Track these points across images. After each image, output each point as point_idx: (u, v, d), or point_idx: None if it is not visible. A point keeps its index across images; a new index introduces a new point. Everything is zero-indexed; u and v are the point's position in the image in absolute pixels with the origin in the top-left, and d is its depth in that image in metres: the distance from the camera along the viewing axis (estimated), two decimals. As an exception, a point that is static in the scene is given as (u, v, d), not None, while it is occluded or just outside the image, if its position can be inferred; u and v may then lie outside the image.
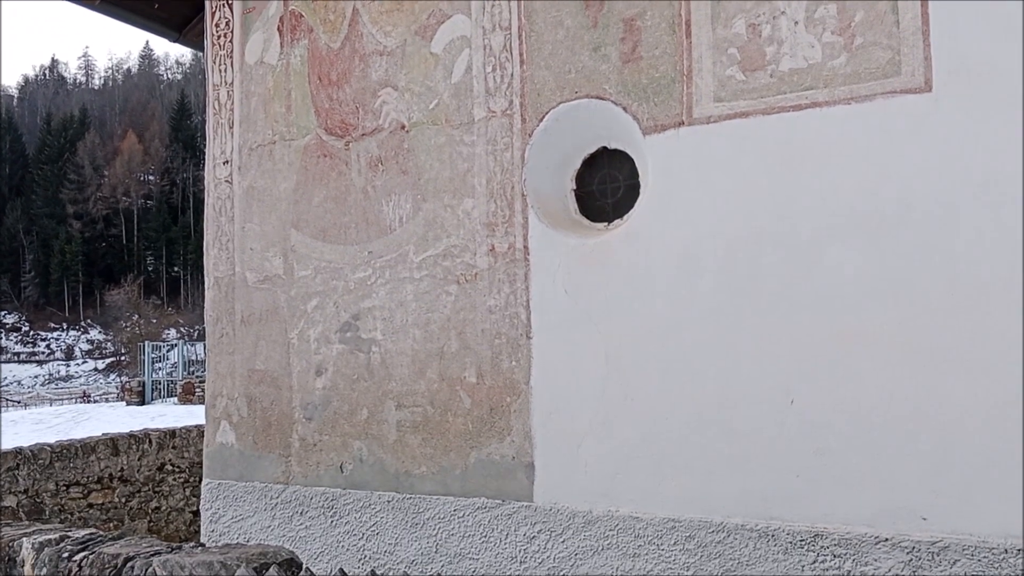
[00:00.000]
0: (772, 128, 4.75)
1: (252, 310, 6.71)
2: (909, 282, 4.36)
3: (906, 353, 4.34)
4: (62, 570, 3.90)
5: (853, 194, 4.53)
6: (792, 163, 4.70)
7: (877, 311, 4.43)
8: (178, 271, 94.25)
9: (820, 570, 4.48)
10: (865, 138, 4.50)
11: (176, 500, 9.28)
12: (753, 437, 4.73)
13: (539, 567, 5.40)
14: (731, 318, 4.82)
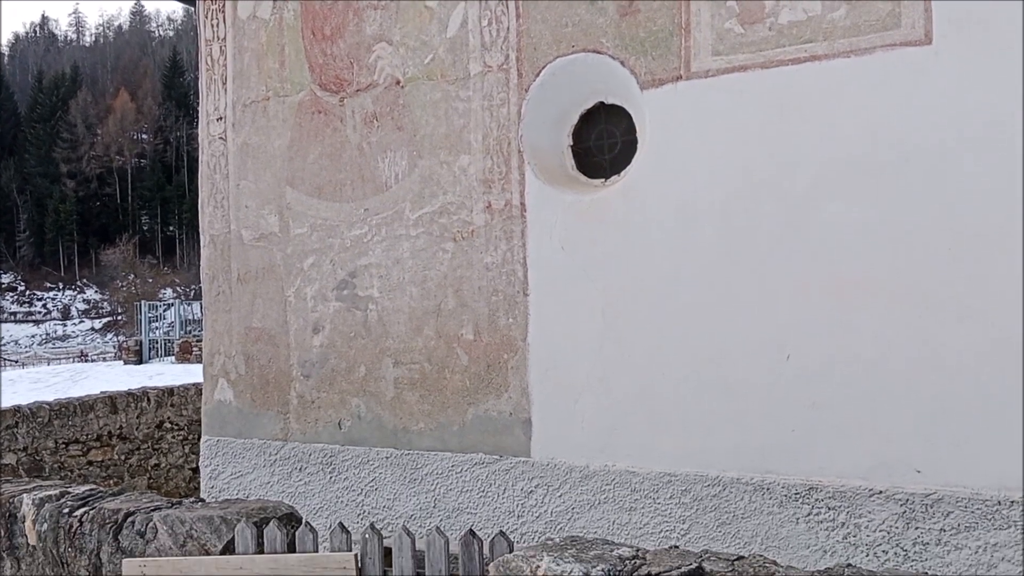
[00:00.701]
0: (771, 82, 4.71)
1: (248, 268, 6.69)
2: (907, 233, 4.35)
3: (904, 305, 4.35)
4: (63, 525, 3.93)
5: (852, 147, 4.50)
6: (790, 117, 4.67)
7: (875, 263, 4.43)
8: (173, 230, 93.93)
9: (814, 522, 4.52)
10: (864, 91, 4.47)
11: (175, 457, 9.33)
12: (749, 391, 4.75)
13: (536, 521, 5.45)
14: (728, 272, 4.82)
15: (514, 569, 2.90)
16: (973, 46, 4.21)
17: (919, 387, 4.30)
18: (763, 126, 4.73)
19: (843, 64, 4.51)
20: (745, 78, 4.77)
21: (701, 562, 2.74)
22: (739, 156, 4.80)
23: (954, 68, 4.25)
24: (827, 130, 4.56)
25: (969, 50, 4.22)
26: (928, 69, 4.31)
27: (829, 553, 4.45)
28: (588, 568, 2.78)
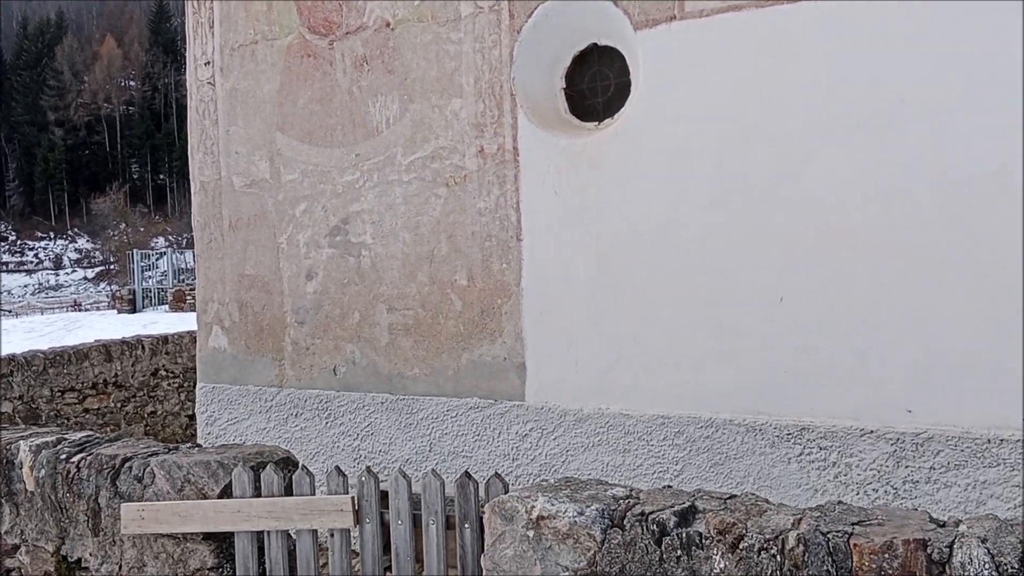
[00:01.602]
0: (767, 22, 4.64)
1: (240, 215, 6.65)
2: (902, 180, 4.33)
3: (896, 250, 4.34)
4: (60, 471, 3.95)
5: (848, 92, 4.45)
6: (786, 59, 4.61)
7: (868, 209, 4.41)
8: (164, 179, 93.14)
9: (806, 462, 4.58)
10: (862, 34, 4.41)
11: (171, 405, 9.37)
12: (742, 334, 4.77)
13: (531, 464, 5.50)
14: (722, 217, 4.80)
15: (509, 509, 2.93)
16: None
17: (910, 328, 4.32)
18: (758, 68, 4.68)
19: (840, 5, 4.44)
20: (740, 18, 4.70)
21: (694, 501, 2.77)
22: (734, 99, 4.75)
23: (953, 15, 4.19)
24: (823, 73, 4.51)
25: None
26: (926, 15, 4.25)
27: (820, 492, 4.51)
28: (582, 508, 2.81)
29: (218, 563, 3.67)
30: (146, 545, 3.77)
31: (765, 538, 2.50)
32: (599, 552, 2.76)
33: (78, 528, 3.92)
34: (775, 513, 2.63)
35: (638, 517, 2.73)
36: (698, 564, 2.60)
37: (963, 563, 2.22)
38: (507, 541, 2.92)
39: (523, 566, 2.88)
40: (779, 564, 2.46)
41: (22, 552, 4.10)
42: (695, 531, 2.63)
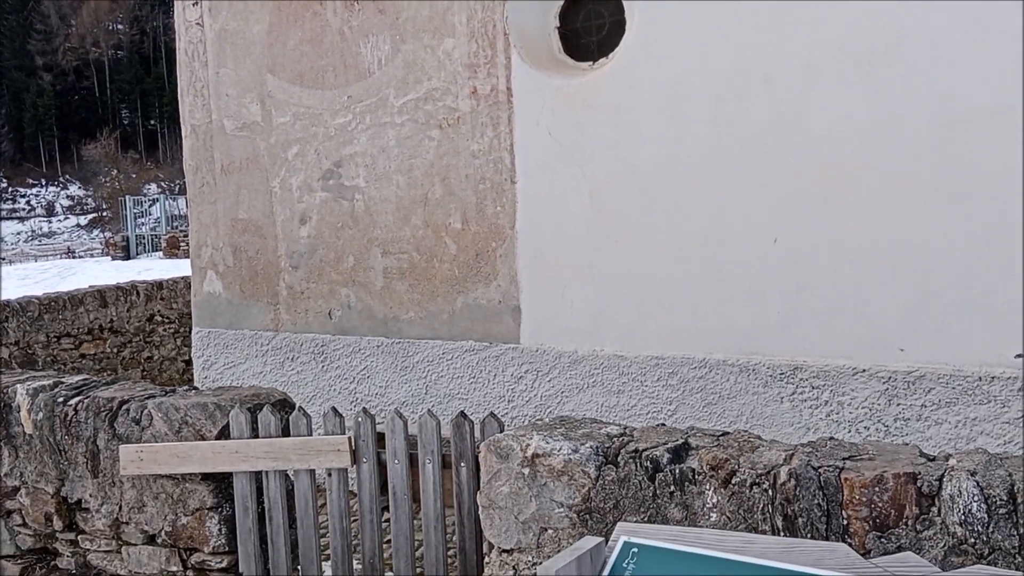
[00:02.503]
0: (763, -43, 4.56)
1: (232, 159, 6.60)
2: (898, 118, 4.30)
3: (891, 188, 4.33)
4: (58, 414, 3.97)
5: (843, 30, 4.40)
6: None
7: (865, 148, 4.39)
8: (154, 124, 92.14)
9: (798, 401, 4.62)
10: (859, -33, 4.34)
11: (168, 350, 9.40)
12: (736, 275, 4.77)
13: (526, 405, 5.55)
14: (717, 157, 4.77)
15: (505, 448, 2.96)
16: (972, -83, 4.07)
17: (904, 268, 4.32)
18: (754, 5, 4.61)
19: (838, -63, 4.37)
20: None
21: (687, 438, 2.80)
22: (729, 37, 4.69)
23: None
24: (819, 12, 4.44)
25: (968, -79, 4.08)
26: (925, -58, 4.18)
27: (812, 430, 4.56)
28: (577, 445, 2.84)
29: (217, 503, 3.72)
30: (145, 486, 3.81)
31: (757, 473, 2.53)
32: (593, 488, 2.79)
33: (77, 470, 3.96)
34: (767, 449, 2.66)
35: (632, 454, 2.76)
36: (691, 499, 2.63)
37: (952, 495, 2.25)
38: (503, 479, 2.95)
39: (519, 503, 2.91)
40: (771, 498, 2.49)
41: (22, 494, 4.14)
42: (688, 467, 2.66)
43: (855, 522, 2.36)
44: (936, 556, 2.23)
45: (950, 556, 2.23)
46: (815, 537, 2.38)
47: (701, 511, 2.61)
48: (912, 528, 2.29)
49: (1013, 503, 2.19)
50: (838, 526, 2.38)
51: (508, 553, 2.96)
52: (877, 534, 2.33)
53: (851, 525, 2.36)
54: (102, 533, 3.96)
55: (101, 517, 3.94)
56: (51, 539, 4.13)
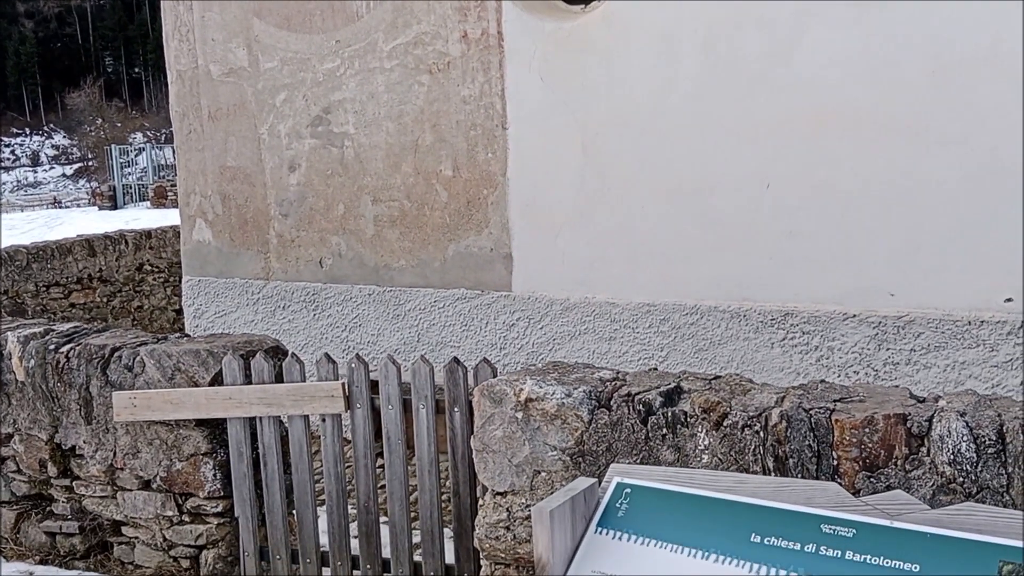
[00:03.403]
0: (758, -103, 4.48)
1: (219, 105, 6.52)
2: (890, 61, 4.26)
3: (884, 132, 4.31)
4: (50, 361, 3.97)
5: (839, -30, 4.34)
6: (778, -64, 4.47)
7: (857, 91, 4.36)
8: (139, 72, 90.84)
9: (789, 346, 4.65)
10: (856, -93, 4.27)
11: (158, 299, 9.38)
12: (728, 222, 4.77)
13: (518, 352, 5.57)
14: (710, 102, 4.74)
15: (498, 393, 2.97)
16: None
17: (896, 213, 4.33)
18: (749, -54, 4.54)
19: None
20: None
21: (679, 382, 2.82)
22: (724, -22, 4.62)
23: None
24: (815, -51, 4.38)
25: None
26: None
27: (802, 375, 4.60)
28: (570, 390, 2.85)
29: (212, 448, 3.73)
30: (139, 432, 3.82)
31: (749, 415, 2.55)
32: (586, 432, 2.81)
33: (71, 417, 3.96)
34: (759, 392, 2.68)
35: (625, 398, 2.78)
36: (683, 441, 2.66)
37: (942, 436, 2.28)
38: (496, 423, 2.97)
39: (512, 446, 2.93)
40: (762, 440, 2.52)
41: (15, 441, 4.15)
42: (680, 410, 2.68)
43: (845, 462, 2.39)
44: (925, 495, 2.27)
45: (939, 495, 2.26)
46: (806, 477, 2.41)
47: (693, 453, 2.64)
48: (901, 468, 2.32)
49: (1002, 443, 2.21)
50: (828, 467, 2.41)
51: (502, 496, 2.99)
52: (867, 474, 2.36)
53: (841, 465, 2.39)
54: (97, 479, 3.98)
55: (96, 463, 3.96)
56: (46, 485, 4.15)
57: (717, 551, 2.13)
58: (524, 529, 2.91)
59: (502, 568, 2.99)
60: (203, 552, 3.82)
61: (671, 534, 2.21)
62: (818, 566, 2.00)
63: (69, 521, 4.07)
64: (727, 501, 2.23)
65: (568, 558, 2.28)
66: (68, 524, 4.07)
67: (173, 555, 3.86)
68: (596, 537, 2.30)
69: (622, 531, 2.28)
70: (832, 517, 2.07)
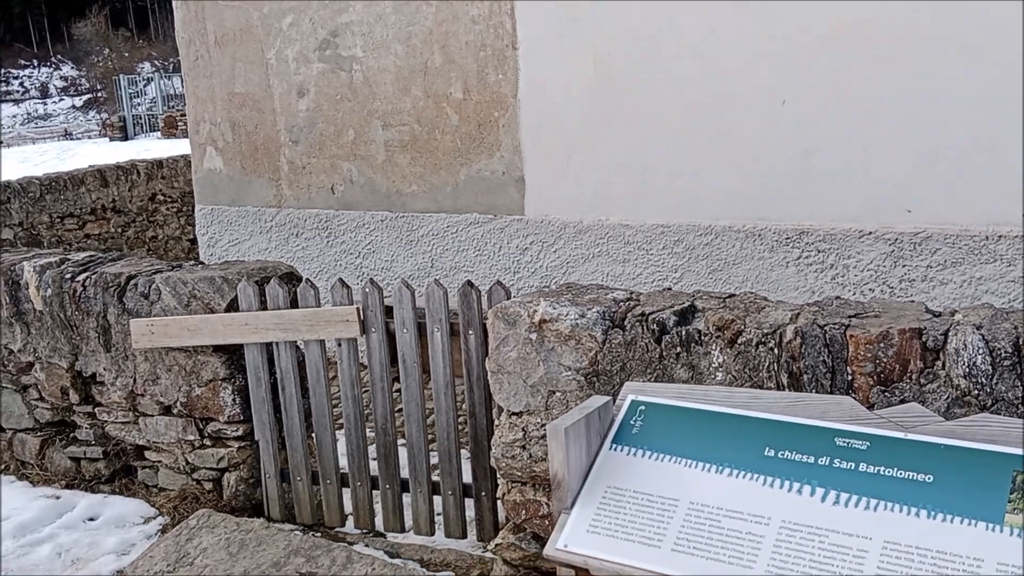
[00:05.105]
0: None
1: (225, 30, 6.42)
2: (912, -30, 4.14)
3: (902, 44, 4.21)
4: (67, 290, 3.99)
5: None
6: None
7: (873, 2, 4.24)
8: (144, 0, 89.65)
9: (804, 265, 4.62)
10: None
11: (172, 229, 9.40)
12: (743, 140, 4.70)
13: (532, 276, 5.57)
14: (724, 17, 4.63)
15: (512, 314, 2.97)
16: None
17: (913, 129, 4.25)
18: None
19: None
20: None
21: (693, 301, 2.81)
22: None
23: None
24: None
25: None
26: None
27: (817, 293, 4.58)
28: (583, 310, 2.85)
29: (230, 374, 3.77)
30: (158, 359, 3.86)
31: (763, 332, 2.55)
32: (600, 352, 2.82)
33: (90, 344, 4.01)
34: (773, 309, 2.67)
35: (638, 317, 2.77)
36: (697, 359, 2.66)
37: (957, 349, 2.27)
38: (510, 344, 2.98)
39: (526, 367, 2.95)
40: (776, 357, 2.51)
41: (36, 369, 4.21)
42: (694, 328, 2.68)
43: (860, 377, 2.39)
44: (939, 408, 2.27)
45: (953, 408, 2.26)
46: (820, 393, 2.42)
47: (707, 371, 2.65)
48: (916, 382, 2.32)
49: (1018, 355, 2.21)
50: (843, 382, 2.41)
51: (517, 416, 3.01)
52: (881, 388, 2.36)
53: (856, 380, 2.39)
54: (118, 405, 4.04)
55: (116, 390, 4.01)
56: (68, 412, 4.22)
57: (731, 465, 2.15)
58: (539, 448, 2.94)
59: (519, 486, 3.03)
60: (225, 475, 3.89)
61: (685, 449, 2.23)
62: (832, 478, 2.02)
63: (93, 447, 4.15)
64: (741, 416, 2.24)
65: (583, 474, 2.30)
66: (92, 449, 4.15)
67: (196, 478, 3.94)
68: (611, 454, 2.32)
69: (637, 447, 2.30)
70: (846, 430, 2.09)
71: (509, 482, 3.06)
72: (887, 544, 1.88)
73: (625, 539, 2.12)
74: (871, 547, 1.88)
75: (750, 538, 1.99)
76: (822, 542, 1.93)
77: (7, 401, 4.35)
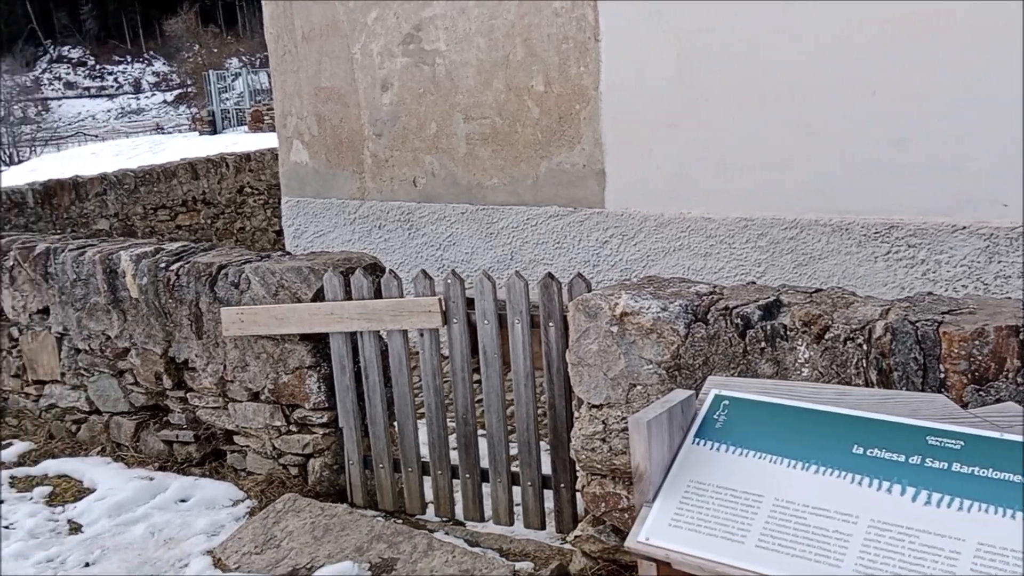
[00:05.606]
0: None
1: (312, 25, 6.54)
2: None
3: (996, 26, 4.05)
4: (161, 279, 4.14)
5: None
6: None
7: (974, -10, 4.11)
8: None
9: (893, 260, 4.50)
10: None
11: (258, 221, 9.63)
12: (829, 131, 4.60)
13: (611, 270, 5.55)
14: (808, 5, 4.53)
15: (593, 307, 2.97)
16: None
17: (1009, 117, 4.10)
18: None
19: None
20: None
21: (779, 295, 2.77)
22: None
23: None
24: None
25: None
26: None
27: (907, 289, 4.46)
28: (666, 304, 2.84)
29: (316, 362, 3.86)
30: (247, 346, 3.97)
31: (852, 328, 2.50)
32: (682, 346, 2.80)
33: (182, 332, 4.14)
34: (862, 305, 2.61)
35: (722, 311, 2.75)
36: (782, 355, 2.62)
37: (1057, 348, 2.19)
38: (591, 337, 2.98)
39: (607, 360, 2.95)
40: (865, 353, 2.46)
41: (132, 355, 4.37)
42: (780, 323, 2.64)
43: (953, 375, 2.32)
44: (1037, 408, 2.19)
45: (1052, 408, 2.18)
46: (910, 390, 2.36)
47: (792, 366, 2.61)
48: (1013, 381, 2.25)
49: (1123, 355, 2.12)
50: (935, 379, 2.35)
51: (598, 408, 3.01)
52: (976, 387, 2.29)
53: (948, 379, 2.33)
54: (209, 391, 4.17)
55: (207, 376, 4.14)
56: (162, 397, 4.37)
57: (818, 462, 2.11)
58: (620, 441, 2.94)
59: (598, 479, 3.03)
60: (310, 460, 3.99)
61: (771, 445, 2.20)
62: (924, 478, 1.97)
63: (184, 430, 4.29)
64: (828, 413, 2.20)
65: (665, 468, 2.30)
66: (184, 433, 4.29)
67: (282, 463, 4.05)
68: (694, 448, 2.31)
69: (720, 442, 2.28)
70: (939, 429, 2.03)
71: (589, 474, 3.06)
72: (980, 546, 1.83)
73: (708, 534, 2.10)
74: (964, 548, 1.84)
75: (837, 536, 1.96)
76: (912, 542, 1.89)
77: (104, 385, 4.53)
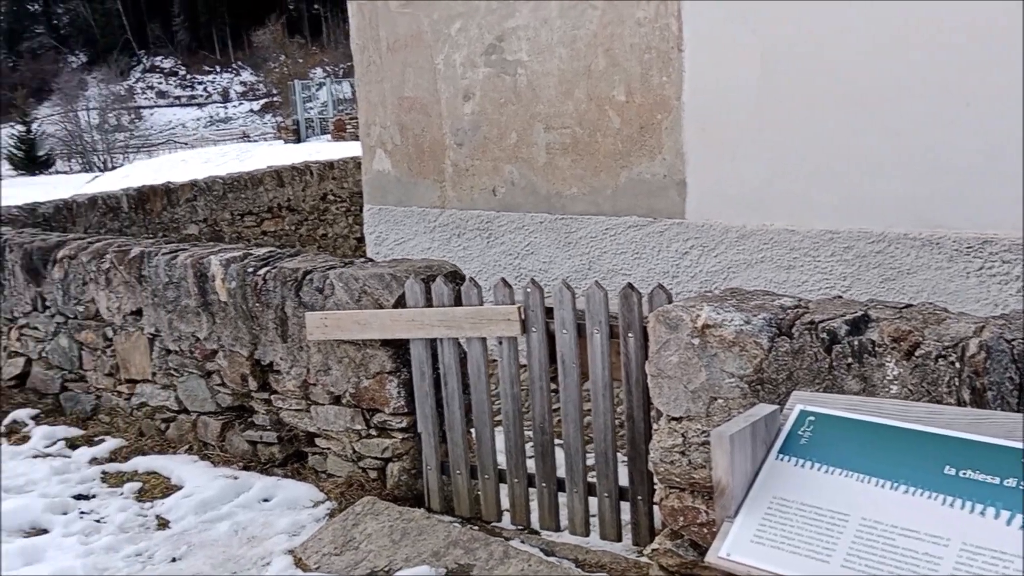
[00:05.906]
0: None
1: (396, 36, 6.65)
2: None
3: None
4: (248, 283, 4.25)
5: None
6: None
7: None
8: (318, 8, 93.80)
9: (987, 276, 4.36)
10: None
11: (340, 228, 9.81)
12: (919, 142, 4.48)
13: (691, 281, 5.50)
14: (900, 8, 4.43)
15: (674, 319, 2.95)
16: None
17: (1118, 132, 3.94)
18: None
19: None
20: None
21: (867, 310, 2.71)
22: None
23: None
24: None
25: None
26: None
27: (1001, 307, 4.32)
28: (749, 316, 2.80)
29: (396, 367, 3.91)
30: (330, 350, 4.05)
31: (944, 345, 2.42)
32: (766, 360, 2.76)
33: (268, 335, 4.25)
34: (955, 321, 2.54)
35: (807, 326, 2.70)
36: (870, 371, 2.56)
37: None
38: (671, 348, 2.96)
39: (688, 372, 2.92)
40: (957, 371, 2.39)
41: (220, 356, 4.49)
42: (868, 339, 2.58)
43: (1051, 397, 2.24)
44: None
45: None
46: (1006, 411, 2.28)
47: (881, 383, 2.54)
48: (1117, 404, 2.16)
49: None
50: (1032, 401, 2.27)
51: (677, 421, 2.99)
52: (1076, 409, 2.20)
53: (1046, 400, 2.25)
54: (292, 393, 4.26)
55: (291, 379, 4.24)
56: (247, 398, 4.48)
57: (907, 482, 2.06)
58: (699, 454, 2.90)
59: (677, 492, 3.00)
60: (389, 464, 4.04)
61: (858, 463, 2.15)
62: (1020, 502, 1.90)
63: (268, 431, 4.39)
64: (918, 432, 2.14)
65: (748, 483, 2.26)
66: (267, 434, 4.39)
67: (362, 466, 4.11)
68: (777, 463, 2.27)
69: (805, 459, 2.24)
70: (1036, 452, 1.96)
71: (667, 487, 3.04)
72: (1081, 575, 1.76)
73: (792, 552, 2.07)
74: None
75: (927, 559, 1.91)
76: (1007, 567, 1.83)
77: (192, 386, 4.67)
